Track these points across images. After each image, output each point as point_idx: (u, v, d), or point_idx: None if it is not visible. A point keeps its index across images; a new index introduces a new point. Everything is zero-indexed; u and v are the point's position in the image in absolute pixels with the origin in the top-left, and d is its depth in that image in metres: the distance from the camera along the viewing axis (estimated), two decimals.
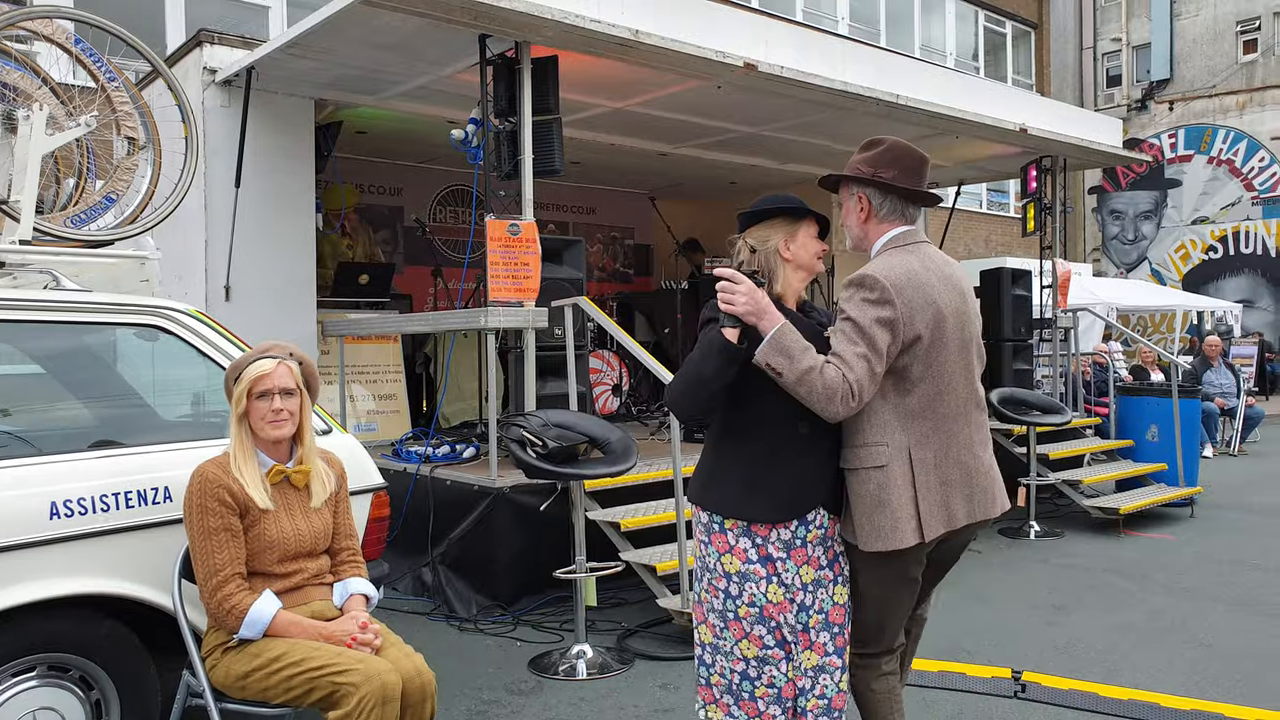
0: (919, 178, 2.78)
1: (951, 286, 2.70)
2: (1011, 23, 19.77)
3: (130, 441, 3.30)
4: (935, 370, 2.63)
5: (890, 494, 2.58)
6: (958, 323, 2.68)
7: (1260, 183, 23.12)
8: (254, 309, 6.37)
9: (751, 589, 2.64)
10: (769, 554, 2.65)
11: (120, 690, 3.09)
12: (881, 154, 2.75)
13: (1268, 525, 7.73)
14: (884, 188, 2.74)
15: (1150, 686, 4.28)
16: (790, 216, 2.76)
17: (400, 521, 5.85)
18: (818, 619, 2.66)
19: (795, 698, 2.67)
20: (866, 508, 2.61)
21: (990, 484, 2.75)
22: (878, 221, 2.78)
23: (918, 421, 2.63)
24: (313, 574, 3.07)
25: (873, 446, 2.62)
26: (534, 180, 5.55)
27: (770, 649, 2.65)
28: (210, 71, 6.36)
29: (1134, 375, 12.03)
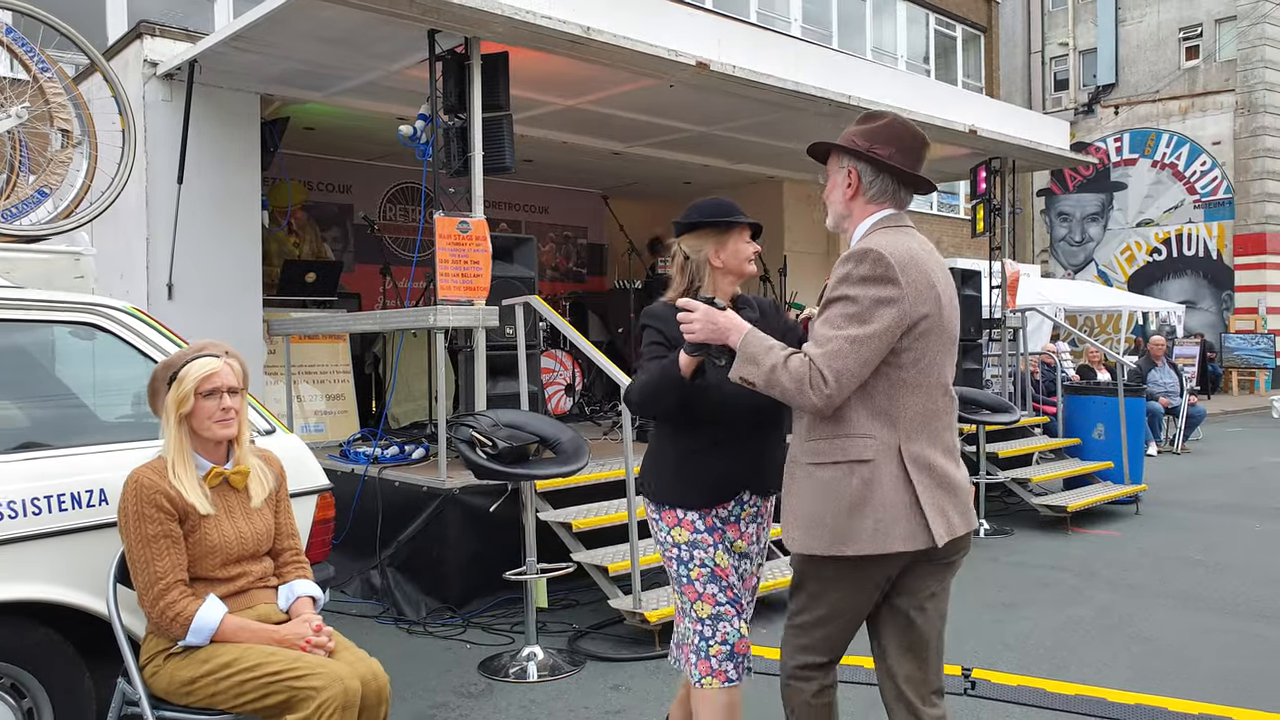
0: (917, 160, 2.55)
1: (947, 276, 2.53)
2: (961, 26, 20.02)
3: (63, 442, 3.19)
4: (928, 363, 2.42)
5: (875, 492, 2.37)
6: (952, 312, 2.50)
7: (1202, 187, 23.67)
8: (198, 308, 6.24)
9: (700, 554, 2.84)
10: (714, 524, 2.86)
11: (53, 699, 2.99)
12: (880, 128, 2.55)
13: (1210, 522, 7.89)
14: (878, 165, 2.52)
15: (1097, 681, 4.32)
16: (721, 226, 2.86)
17: (348, 524, 5.75)
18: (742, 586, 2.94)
19: (746, 653, 2.86)
20: (840, 507, 2.38)
21: (967, 494, 2.54)
22: (865, 201, 2.55)
23: (909, 415, 2.41)
24: (257, 577, 2.99)
25: (856, 438, 2.39)
26: (484, 177, 5.49)
27: (723, 605, 2.83)
28: (151, 64, 6.22)
29: (1081, 375, 12.24)
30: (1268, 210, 22.77)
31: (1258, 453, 12.37)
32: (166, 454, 2.88)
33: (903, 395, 2.40)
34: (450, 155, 5.42)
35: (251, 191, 6.60)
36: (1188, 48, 24.37)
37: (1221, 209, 23.32)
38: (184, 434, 2.89)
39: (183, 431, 2.89)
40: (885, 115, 2.61)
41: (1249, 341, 21.49)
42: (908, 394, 2.40)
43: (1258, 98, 22.83)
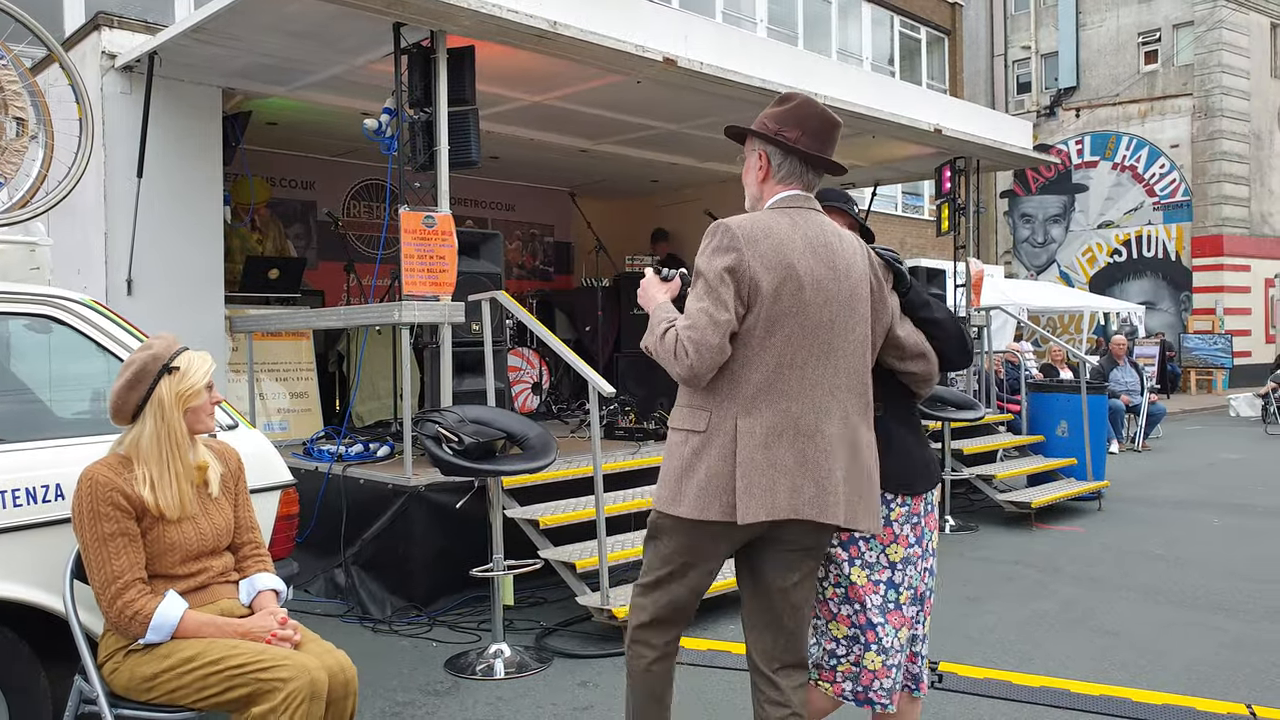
0: (824, 143, 2.60)
1: (821, 259, 2.49)
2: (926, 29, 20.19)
3: (17, 437, 3.11)
4: (779, 339, 2.43)
5: (702, 461, 2.45)
6: (819, 296, 2.47)
7: (1161, 189, 24.05)
8: (158, 303, 6.12)
9: (833, 571, 2.73)
10: (851, 536, 2.71)
11: (8, 699, 2.93)
12: (789, 111, 2.59)
13: (1171, 517, 8.00)
14: (785, 148, 2.57)
15: (1061, 673, 4.37)
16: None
17: (312, 522, 5.68)
18: (907, 595, 2.74)
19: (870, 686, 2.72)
20: (678, 469, 2.49)
21: (833, 484, 2.45)
22: (774, 183, 2.61)
23: (752, 391, 2.44)
24: (217, 572, 2.93)
25: (696, 409, 2.49)
26: (450, 173, 5.44)
27: (858, 629, 2.71)
28: (109, 56, 6.10)
29: (1044, 373, 12.38)
30: (1225, 213, 23.19)
31: (1216, 450, 12.58)
32: (143, 450, 2.79)
33: (744, 370, 2.44)
34: (416, 149, 5.37)
35: (213, 186, 6.49)
36: (1146, 52, 24.77)
37: (1180, 211, 23.71)
38: (183, 428, 2.83)
39: (181, 426, 2.83)
40: (796, 97, 2.64)
41: (1207, 342, 21.86)
42: (750, 369, 2.44)
43: (1214, 101, 23.23)
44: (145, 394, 2.81)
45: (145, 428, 2.81)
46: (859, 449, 2.53)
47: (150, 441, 2.80)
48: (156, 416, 2.80)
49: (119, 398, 2.82)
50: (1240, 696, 4.07)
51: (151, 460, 2.79)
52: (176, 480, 2.81)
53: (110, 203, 6.11)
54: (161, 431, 2.80)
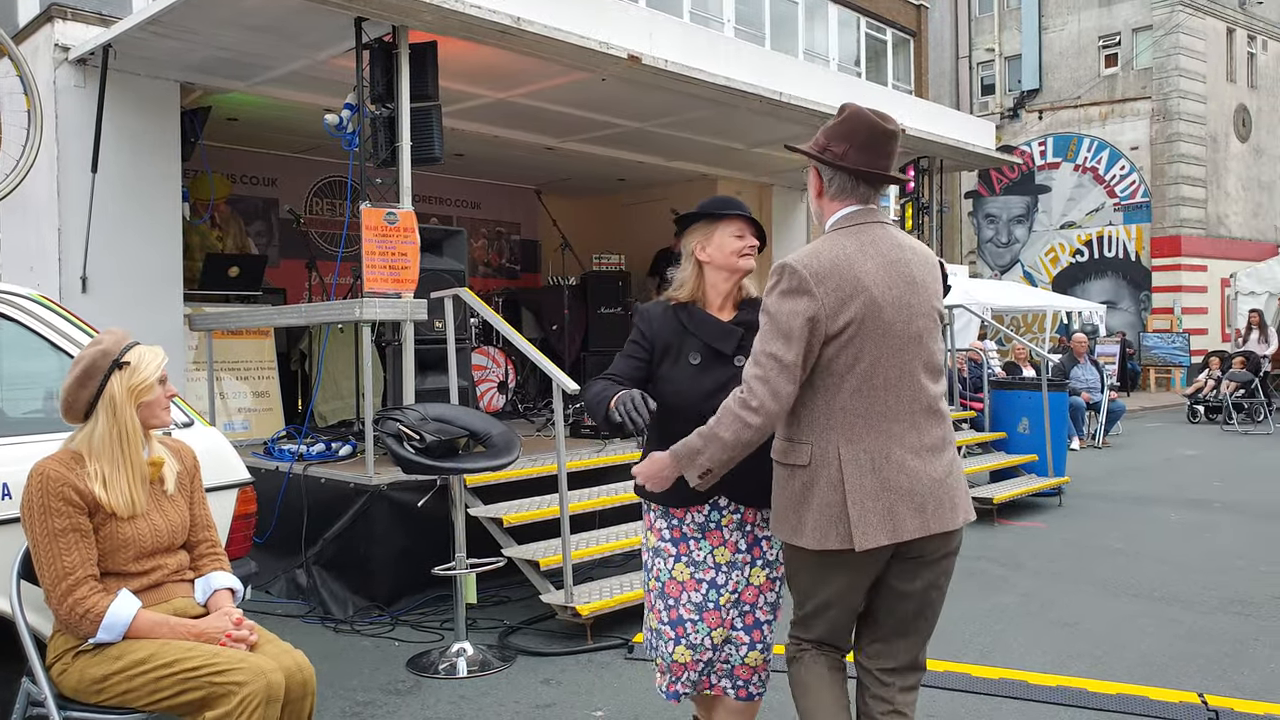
0: (876, 154, 2.51)
1: (896, 273, 2.45)
2: (892, 30, 20.33)
3: None
4: (868, 364, 2.40)
5: (813, 494, 2.43)
6: (901, 315, 2.43)
7: (1121, 190, 24.37)
8: (114, 301, 6.04)
9: (659, 564, 2.84)
10: (682, 534, 2.82)
11: None
12: (836, 126, 2.55)
13: (1129, 512, 8.11)
14: (833, 165, 2.53)
15: (1021, 666, 4.41)
16: (709, 220, 2.82)
17: (273, 522, 5.62)
18: (729, 597, 2.78)
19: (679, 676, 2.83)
20: (790, 502, 2.49)
21: (945, 492, 2.47)
22: (829, 199, 2.58)
23: (849, 418, 2.42)
24: (172, 570, 2.88)
25: (797, 443, 2.47)
26: (413, 169, 5.40)
27: (664, 625, 2.81)
28: (62, 49, 6.00)
29: (1007, 371, 12.50)
30: (1182, 214, 23.54)
31: (1173, 446, 12.77)
32: (95, 447, 2.73)
33: (838, 397, 2.42)
34: (378, 145, 5.33)
35: (171, 182, 6.41)
36: (1107, 55, 25.08)
37: (1139, 212, 24.04)
38: (136, 424, 2.78)
39: (135, 421, 2.77)
40: (847, 109, 2.58)
41: (1166, 340, 22.18)
42: (844, 396, 2.41)
43: (1172, 105, 23.58)
44: (96, 391, 2.75)
45: (98, 425, 2.75)
46: (941, 449, 2.52)
47: (103, 439, 2.74)
48: (109, 413, 2.75)
49: (70, 395, 2.77)
50: (1193, 685, 4.13)
51: (104, 458, 2.74)
52: (129, 478, 2.76)
53: (64, 198, 6.01)
54: (114, 429, 2.75)
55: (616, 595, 4.88)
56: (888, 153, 2.53)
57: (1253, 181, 25.73)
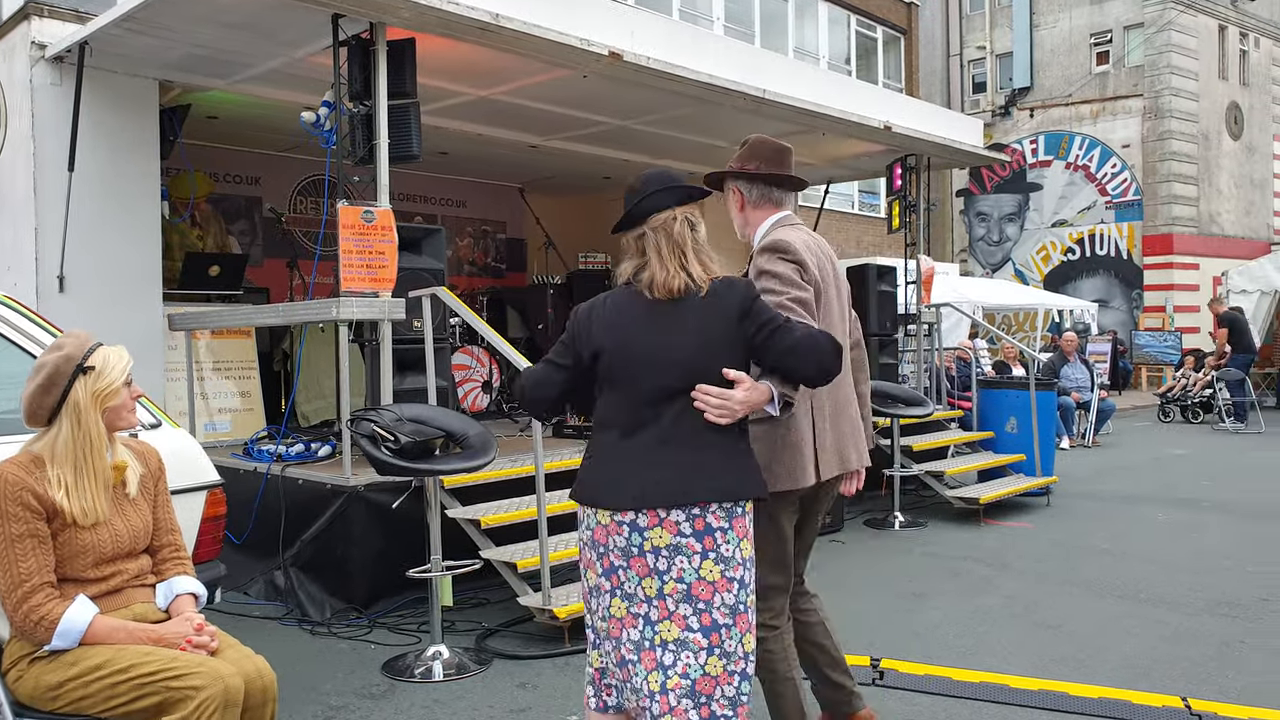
0: (780, 165, 3.15)
1: (830, 258, 3.18)
2: (882, 28, 20.30)
3: None
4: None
5: (798, 437, 2.95)
6: (837, 289, 3.15)
7: (1113, 188, 24.38)
8: (92, 301, 5.97)
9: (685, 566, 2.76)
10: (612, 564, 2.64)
11: None
12: (745, 151, 3.17)
13: (1117, 512, 8.08)
14: (750, 177, 3.14)
15: (1003, 669, 4.37)
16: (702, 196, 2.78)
17: (251, 523, 5.57)
18: (678, 588, 2.47)
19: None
20: (775, 451, 2.91)
21: (862, 433, 3.21)
22: (753, 209, 3.17)
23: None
24: (132, 575, 2.83)
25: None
26: (392, 167, 5.35)
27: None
28: (39, 46, 5.93)
29: (997, 370, 12.48)
30: (1174, 212, 23.56)
31: (1163, 445, 12.76)
32: (58, 453, 2.68)
33: None
34: (355, 143, 5.27)
35: (149, 180, 6.34)
36: (1098, 53, 25.09)
37: (1131, 210, 24.06)
38: (101, 430, 2.72)
39: (100, 427, 2.72)
40: (749, 139, 3.21)
41: (1158, 339, 22.17)
42: None
43: (1164, 103, 23.60)
44: (60, 397, 2.70)
45: (61, 431, 2.70)
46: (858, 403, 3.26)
47: (65, 445, 2.69)
48: (73, 420, 2.70)
49: (33, 402, 2.71)
50: (1178, 689, 4.09)
51: (66, 464, 2.68)
52: (91, 485, 2.71)
53: (41, 197, 5.95)
54: (78, 435, 2.70)
55: None
56: (790, 165, 3.19)
57: (1245, 179, 25.77)
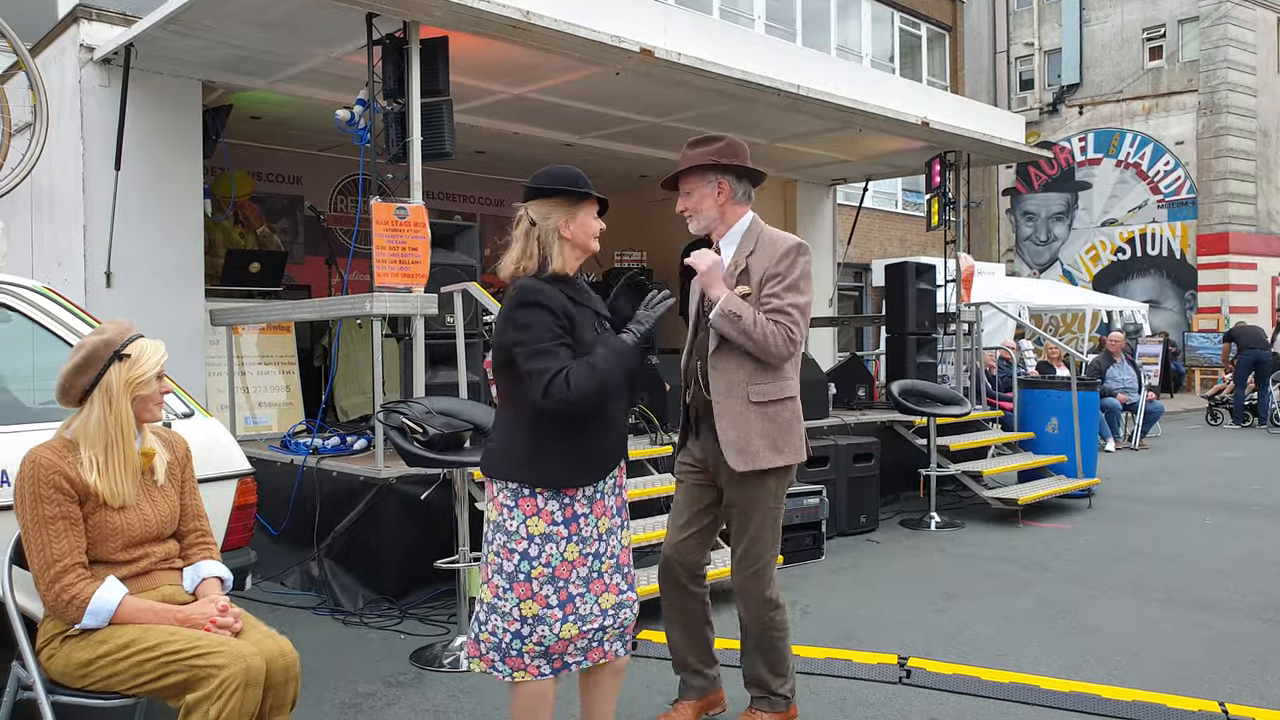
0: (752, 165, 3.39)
1: None
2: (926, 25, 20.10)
3: None
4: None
5: (798, 420, 3.34)
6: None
7: (1165, 186, 23.89)
8: (137, 296, 6.11)
9: (550, 550, 2.76)
10: (574, 513, 2.79)
11: None
12: (726, 146, 3.27)
13: (1162, 515, 7.92)
14: (739, 172, 3.27)
15: (1035, 670, 4.31)
16: (572, 197, 2.82)
17: (288, 515, 5.67)
18: (610, 564, 2.87)
19: (563, 653, 2.83)
20: (782, 431, 3.27)
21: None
22: (735, 204, 3.30)
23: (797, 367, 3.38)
24: (160, 558, 2.91)
25: (789, 380, 3.30)
26: (425, 165, 5.40)
27: (551, 609, 2.76)
28: (88, 49, 6.08)
29: (1040, 371, 12.30)
30: (1230, 210, 23.02)
31: (1215, 449, 12.48)
32: (90, 434, 2.76)
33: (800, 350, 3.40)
34: (389, 140, 5.34)
35: (192, 179, 6.48)
36: (1151, 48, 24.60)
37: (1185, 209, 23.56)
38: (130, 415, 2.80)
39: (129, 413, 2.80)
40: (724, 136, 3.30)
41: (1212, 341, 21.69)
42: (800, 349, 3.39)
43: (1220, 98, 23.07)
44: (95, 378, 2.78)
45: (93, 412, 2.78)
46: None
47: (97, 426, 2.77)
48: (104, 402, 2.78)
49: (67, 380, 2.80)
50: (1217, 694, 4.00)
51: (98, 445, 2.76)
52: (120, 467, 2.79)
53: (89, 196, 6.10)
54: (109, 418, 2.77)
55: None
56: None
57: None
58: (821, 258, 10.96)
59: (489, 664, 2.80)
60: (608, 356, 2.72)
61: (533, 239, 2.79)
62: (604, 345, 2.74)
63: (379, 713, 3.84)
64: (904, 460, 7.95)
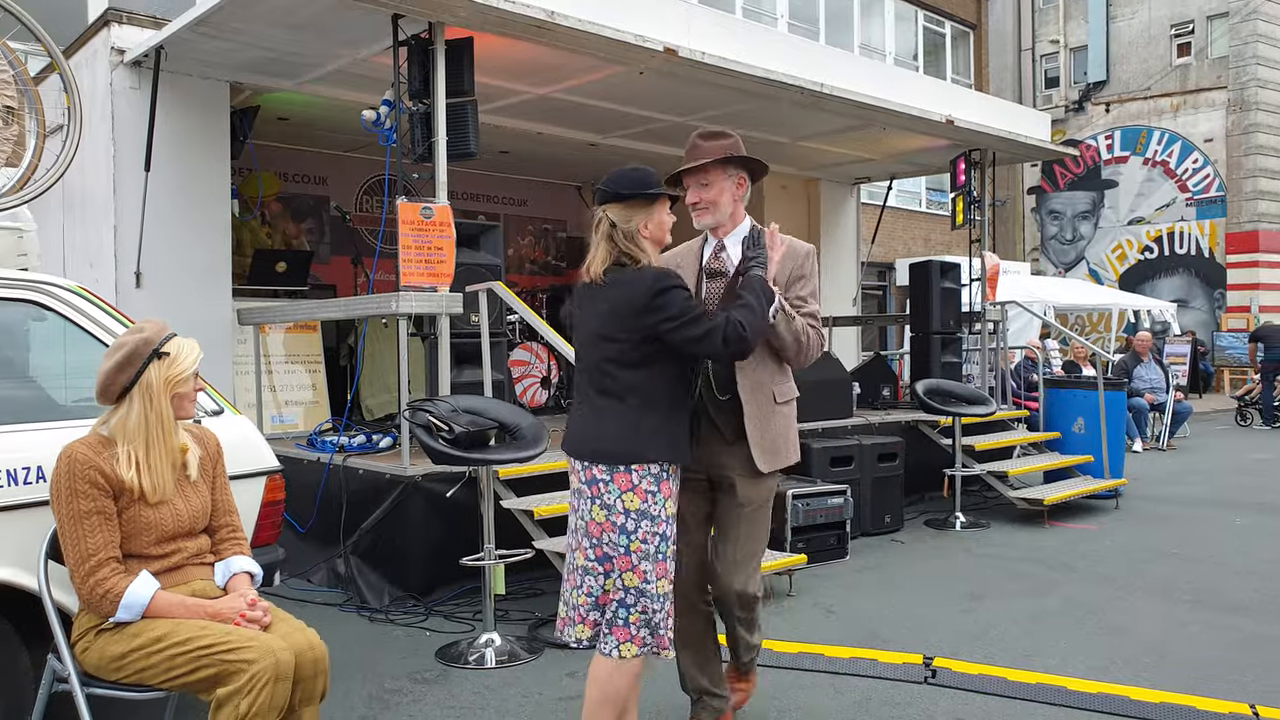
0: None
1: None
2: (950, 23, 19.99)
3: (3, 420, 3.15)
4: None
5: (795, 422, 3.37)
6: None
7: (1194, 184, 23.64)
8: (166, 295, 6.18)
9: (676, 527, 3.00)
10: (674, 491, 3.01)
11: None
12: (738, 143, 3.22)
13: (1191, 516, 7.85)
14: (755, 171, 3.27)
15: (1061, 671, 4.28)
16: (649, 197, 2.96)
17: (314, 513, 5.72)
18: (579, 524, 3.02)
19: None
20: (786, 432, 3.29)
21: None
22: (740, 205, 3.26)
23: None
24: (192, 553, 2.94)
25: (792, 383, 3.36)
26: (451, 165, 5.44)
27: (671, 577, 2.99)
28: (119, 52, 6.17)
29: (1066, 370, 12.20)
30: (1260, 208, 22.75)
31: (1244, 449, 12.34)
32: (130, 431, 2.80)
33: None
34: (414, 141, 5.38)
35: (220, 180, 6.55)
36: (1179, 44, 24.34)
37: (1214, 207, 23.30)
38: (169, 413, 2.85)
39: (168, 410, 2.85)
40: (731, 133, 3.23)
41: (1241, 340, 21.43)
42: None
43: (1250, 94, 22.79)
44: (134, 376, 2.82)
45: (132, 410, 2.82)
46: None
47: (138, 423, 2.81)
48: (145, 400, 2.82)
49: (107, 378, 2.84)
50: (1247, 696, 3.96)
51: (138, 441, 2.81)
52: (160, 462, 2.83)
53: (120, 196, 6.18)
54: (150, 415, 2.82)
55: None
56: None
57: None
58: (845, 256, 10.93)
59: (640, 644, 2.90)
60: (753, 296, 2.97)
61: (617, 240, 2.94)
62: (744, 287, 3.02)
63: (405, 708, 3.88)
64: (929, 460, 7.91)
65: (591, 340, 2.97)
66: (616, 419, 2.91)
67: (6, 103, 3.62)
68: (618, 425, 2.90)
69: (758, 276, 3.02)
